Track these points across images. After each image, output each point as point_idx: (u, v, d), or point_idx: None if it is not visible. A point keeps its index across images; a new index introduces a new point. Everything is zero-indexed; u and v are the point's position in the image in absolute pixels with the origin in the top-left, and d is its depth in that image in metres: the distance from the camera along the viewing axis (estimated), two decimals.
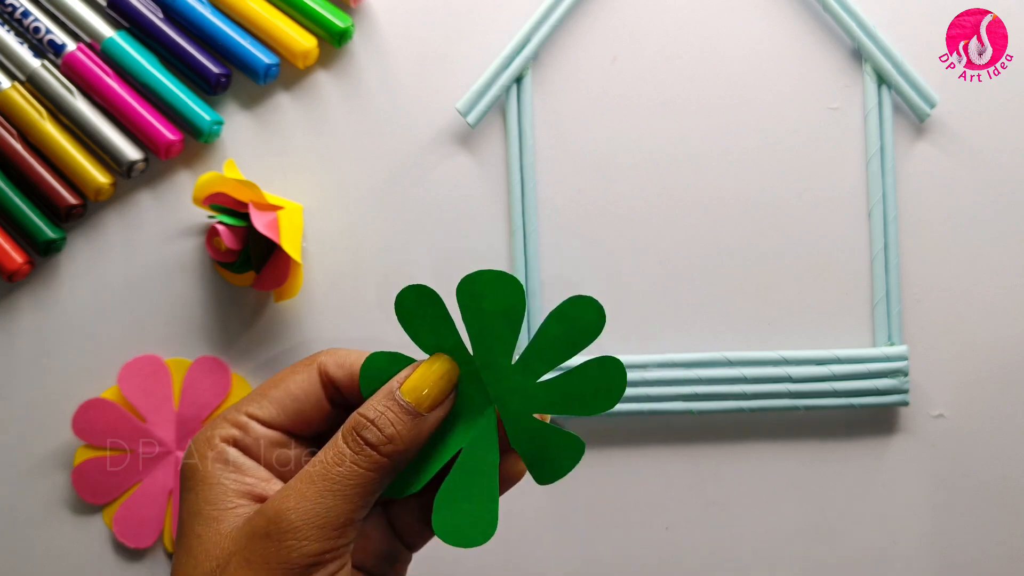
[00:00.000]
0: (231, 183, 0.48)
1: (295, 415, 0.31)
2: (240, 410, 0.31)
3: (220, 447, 0.30)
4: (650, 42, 0.50)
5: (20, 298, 0.51)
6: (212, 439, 0.30)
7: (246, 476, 0.30)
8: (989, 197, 0.50)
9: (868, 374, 0.49)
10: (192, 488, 0.29)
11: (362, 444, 0.28)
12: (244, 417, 0.31)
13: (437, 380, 0.30)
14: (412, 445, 0.29)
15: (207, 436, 0.30)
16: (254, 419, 0.31)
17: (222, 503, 0.29)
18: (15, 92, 0.49)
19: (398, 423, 0.29)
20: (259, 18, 0.49)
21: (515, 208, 0.50)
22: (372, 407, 0.29)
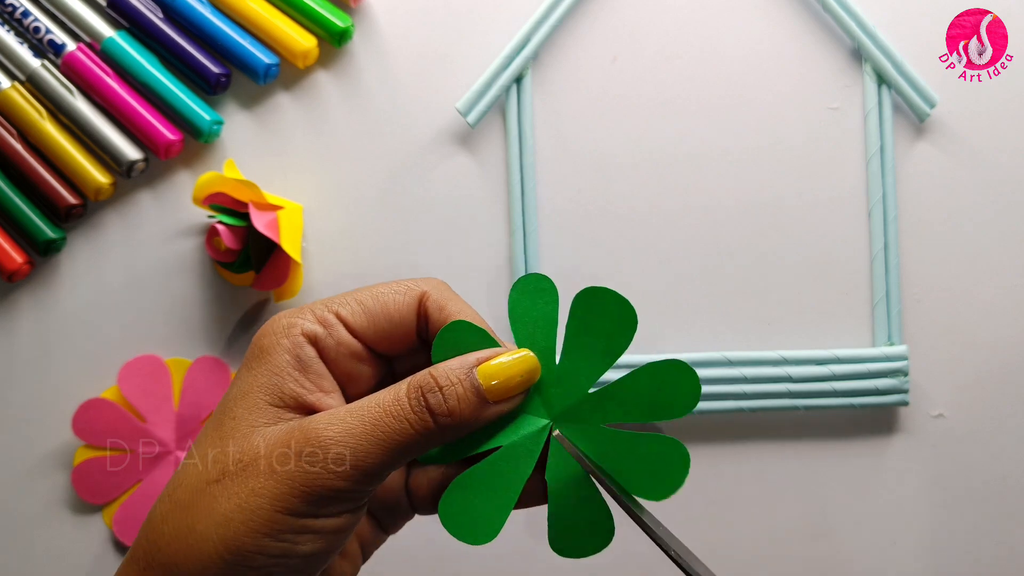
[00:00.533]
0: (231, 183, 0.48)
1: (383, 333, 0.30)
2: (330, 308, 0.29)
3: (298, 339, 0.29)
4: (650, 42, 0.50)
5: (20, 298, 0.51)
6: (292, 327, 0.29)
7: (309, 381, 0.28)
8: (989, 197, 0.50)
9: (868, 374, 0.49)
10: (252, 369, 0.28)
11: (423, 406, 0.27)
12: (332, 317, 0.29)
13: (517, 375, 0.29)
14: (467, 426, 0.28)
15: (289, 322, 0.29)
16: (342, 322, 0.29)
17: (274, 399, 0.28)
18: (15, 92, 0.49)
19: (464, 400, 0.28)
20: (259, 18, 0.49)
21: (515, 208, 0.50)
22: (445, 373, 0.28)
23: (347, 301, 0.30)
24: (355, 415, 0.27)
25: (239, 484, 0.27)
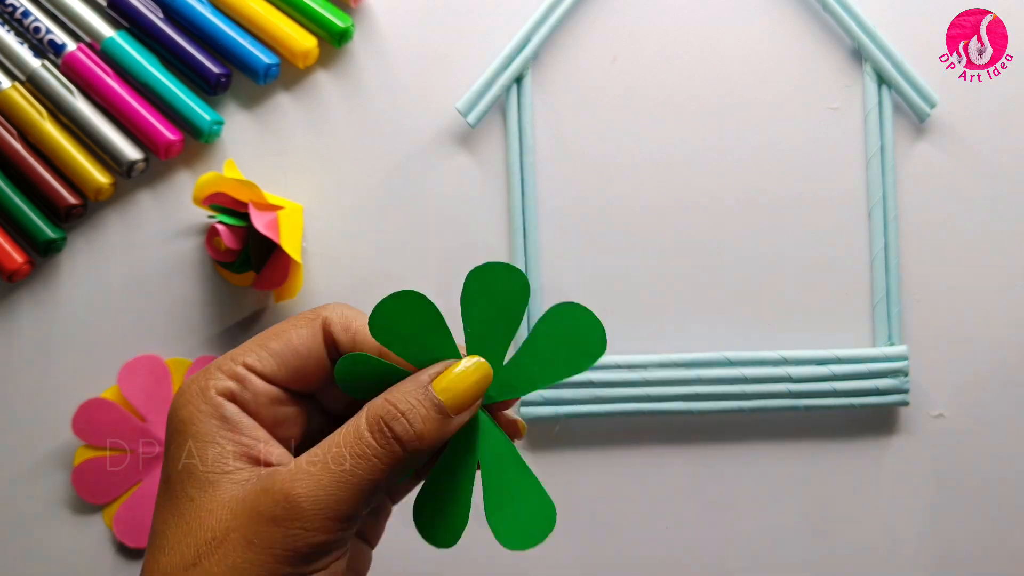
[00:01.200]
0: (231, 183, 0.48)
1: (295, 371, 0.29)
2: (237, 361, 0.28)
3: (216, 401, 0.28)
4: (650, 42, 0.50)
5: (20, 298, 0.51)
6: (207, 391, 0.28)
7: (244, 436, 0.28)
8: (989, 197, 0.50)
9: (868, 374, 0.49)
10: (183, 444, 0.27)
11: (389, 436, 0.27)
12: (242, 369, 0.28)
13: (472, 384, 0.28)
14: (434, 446, 0.28)
15: (201, 387, 0.28)
16: (253, 372, 0.29)
17: (219, 465, 0.27)
18: (15, 92, 0.49)
19: (428, 420, 0.27)
20: (259, 18, 0.49)
21: (515, 208, 0.50)
22: (403, 397, 0.27)
23: (252, 348, 0.29)
24: (318, 464, 0.26)
25: (218, 564, 0.25)
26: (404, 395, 0.28)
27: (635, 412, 0.49)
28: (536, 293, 0.50)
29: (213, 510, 0.26)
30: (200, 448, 0.27)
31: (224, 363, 0.29)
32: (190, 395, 0.28)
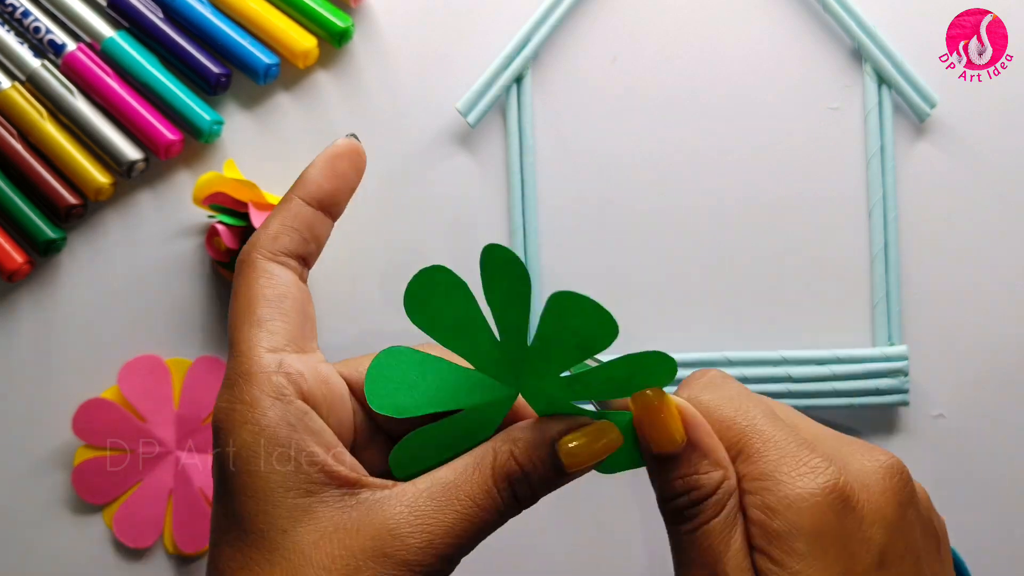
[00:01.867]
0: (231, 183, 0.48)
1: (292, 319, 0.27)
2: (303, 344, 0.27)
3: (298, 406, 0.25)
4: (650, 42, 0.50)
5: (20, 298, 0.51)
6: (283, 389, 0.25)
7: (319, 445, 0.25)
8: (989, 197, 0.50)
9: (868, 374, 0.49)
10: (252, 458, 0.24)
11: (511, 494, 0.26)
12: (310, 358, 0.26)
13: (599, 449, 0.26)
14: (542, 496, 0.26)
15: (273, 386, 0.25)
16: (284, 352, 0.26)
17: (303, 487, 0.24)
18: (15, 92, 0.49)
19: (546, 481, 0.26)
20: (259, 18, 0.49)
21: (515, 208, 0.50)
22: (529, 457, 0.26)
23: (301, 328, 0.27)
24: (435, 501, 0.24)
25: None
26: (530, 452, 0.26)
27: None
28: (536, 293, 0.50)
29: (318, 544, 0.23)
30: (276, 464, 0.24)
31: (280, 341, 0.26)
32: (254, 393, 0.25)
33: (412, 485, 0.25)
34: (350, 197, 0.30)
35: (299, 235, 0.29)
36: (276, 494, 0.24)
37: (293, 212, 0.29)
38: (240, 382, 0.25)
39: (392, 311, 0.50)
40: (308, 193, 0.29)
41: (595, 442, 0.26)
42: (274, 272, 0.28)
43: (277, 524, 0.23)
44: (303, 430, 0.25)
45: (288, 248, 0.28)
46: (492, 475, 0.26)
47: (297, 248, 0.28)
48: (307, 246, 0.29)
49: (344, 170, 0.30)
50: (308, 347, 0.27)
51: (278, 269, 0.28)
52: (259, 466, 0.24)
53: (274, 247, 0.28)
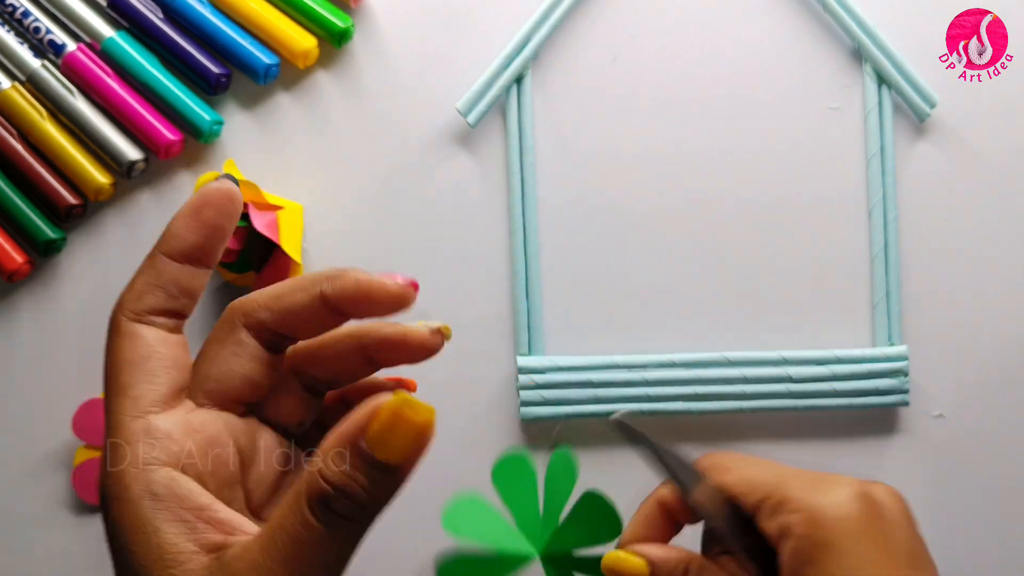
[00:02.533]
0: None
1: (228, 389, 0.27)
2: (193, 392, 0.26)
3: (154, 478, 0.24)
4: (650, 42, 0.50)
5: (20, 298, 0.51)
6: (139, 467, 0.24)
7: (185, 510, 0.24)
8: (989, 197, 0.50)
9: (868, 374, 0.49)
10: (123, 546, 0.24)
11: (335, 517, 0.23)
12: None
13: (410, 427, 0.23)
14: (389, 501, 0.24)
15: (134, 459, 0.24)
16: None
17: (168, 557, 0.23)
18: (15, 92, 0.49)
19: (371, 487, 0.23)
20: (259, 18, 0.49)
21: (515, 208, 0.50)
22: (336, 469, 0.23)
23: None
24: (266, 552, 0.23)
25: None
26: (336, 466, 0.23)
27: (635, 412, 0.49)
28: (536, 292, 0.50)
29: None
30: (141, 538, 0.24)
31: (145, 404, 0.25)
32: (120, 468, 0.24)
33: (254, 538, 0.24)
34: (223, 244, 0.28)
35: (164, 292, 0.27)
36: (144, 569, 0.24)
37: (157, 270, 0.28)
38: (110, 453, 0.25)
39: None
40: (171, 248, 0.28)
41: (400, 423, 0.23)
42: (137, 333, 0.27)
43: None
44: (169, 499, 0.24)
45: (152, 307, 0.27)
46: (306, 500, 0.23)
47: (163, 305, 0.27)
48: (175, 302, 0.28)
49: (211, 219, 0.28)
50: (177, 400, 0.26)
51: (143, 329, 0.27)
52: (126, 541, 0.24)
53: (137, 307, 0.27)
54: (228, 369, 0.27)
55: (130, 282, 0.28)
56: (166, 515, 0.24)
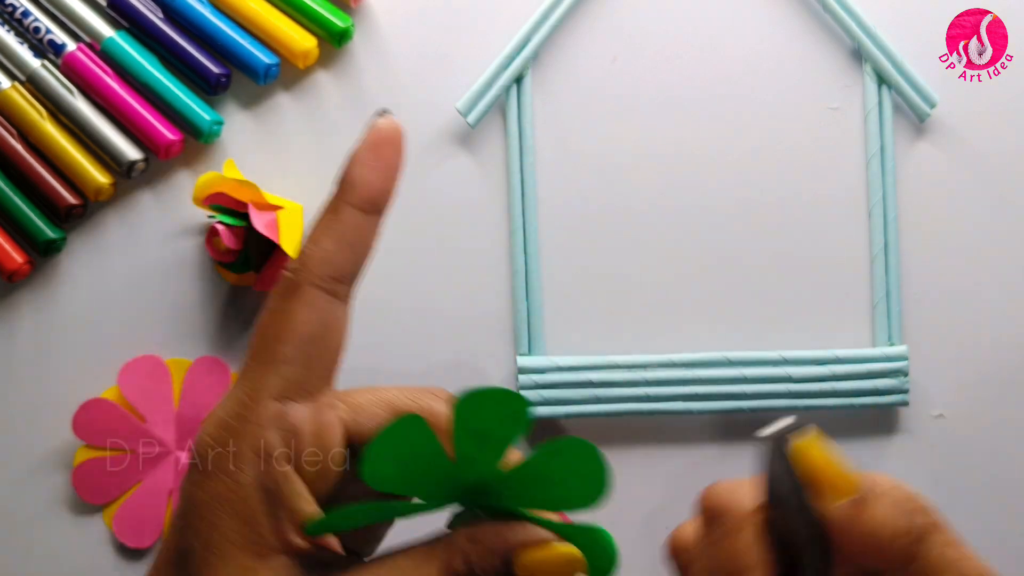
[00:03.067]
0: (231, 183, 0.48)
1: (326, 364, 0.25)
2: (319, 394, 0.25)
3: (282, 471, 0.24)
4: (650, 42, 0.50)
5: (20, 298, 0.51)
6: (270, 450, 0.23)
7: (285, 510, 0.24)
8: (989, 197, 0.50)
9: (868, 374, 0.49)
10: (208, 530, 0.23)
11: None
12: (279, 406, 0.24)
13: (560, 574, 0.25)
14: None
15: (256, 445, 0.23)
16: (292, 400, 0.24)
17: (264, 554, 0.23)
18: (15, 92, 0.49)
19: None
20: (259, 18, 0.49)
21: (515, 208, 0.50)
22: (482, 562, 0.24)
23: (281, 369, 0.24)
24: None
25: None
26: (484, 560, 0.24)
27: (635, 412, 0.49)
28: (536, 292, 0.50)
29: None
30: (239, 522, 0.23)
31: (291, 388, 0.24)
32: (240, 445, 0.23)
33: (368, 570, 0.24)
34: (398, 186, 0.26)
35: (353, 252, 0.25)
36: (228, 548, 0.23)
37: (349, 224, 0.25)
38: (232, 425, 0.24)
39: (390, 311, 0.50)
40: (361, 198, 0.25)
41: (558, 567, 0.24)
42: (319, 305, 0.25)
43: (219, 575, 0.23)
44: (279, 497, 0.23)
45: (343, 271, 0.25)
46: (443, 571, 0.24)
47: (352, 269, 0.25)
48: (362, 261, 0.26)
49: (391, 159, 0.26)
50: (321, 389, 0.25)
51: (323, 301, 0.25)
52: (222, 519, 0.23)
53: (327, 271, 0.25)
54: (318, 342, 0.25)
55: (310, 241, 0.25)
56: (272, 511, 0.23)
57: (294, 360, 0.24)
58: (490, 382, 0.50)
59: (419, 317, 0.50)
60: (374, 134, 0.26)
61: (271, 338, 0.24)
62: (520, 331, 0.49)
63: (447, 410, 0.26)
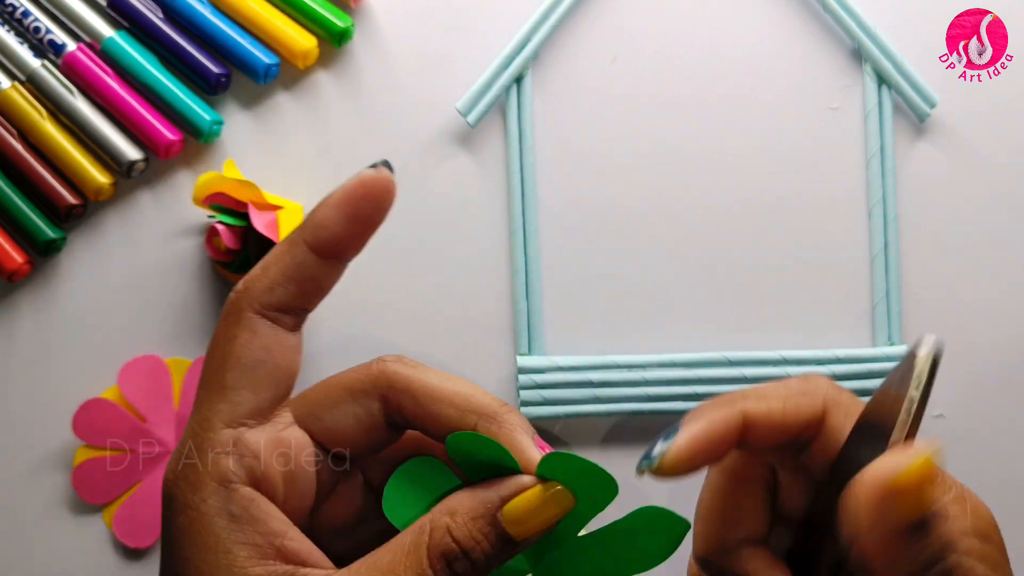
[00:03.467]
0: (231, 183, 0.48)
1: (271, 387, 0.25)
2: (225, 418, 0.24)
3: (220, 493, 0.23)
4: (650, 42, 0.50)
5: (20, 298, 0.51)
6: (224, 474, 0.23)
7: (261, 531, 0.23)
8: (989, 197, 0.50)
9: (868, 374, 0.49)
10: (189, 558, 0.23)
11: (451, 573, 0.23)
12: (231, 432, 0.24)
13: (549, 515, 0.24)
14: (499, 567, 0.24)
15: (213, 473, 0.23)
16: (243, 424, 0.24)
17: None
18: (15, 92, 0.49)
19: (493, 556, 0.24)
20: (259, 18, 0.49)
21: (515, 208, 0.50)
22: (469, 533, 0.23)
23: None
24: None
25: None
26: (469, 527, 0.23)
27: (635, 412, 0.49)
28: (536, 292, 0.50)
29: None
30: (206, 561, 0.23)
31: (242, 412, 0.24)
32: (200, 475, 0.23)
33: (347, 572, 0.23)
34: (370, 238, 0.26)
35: (298, 288, 0.25)
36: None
37: (297, 261, 0.25)
38: (191, 456, 0.24)
39: (390, 311, 0.50)
40: (318, 240, 0.25)
41: (545, 508, 0.24)
42: (259, 331, 0.24)
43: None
44: (246, 521, 0.23)
45: (284, 302, 0.25)
46: (427, 555, 0.23)
47: (294, 302, 0.25)
48: (308, 298, 0.25)
49: (365, 212, 0.25)
50: (275, 413, 0.25)
51: (265, 328, 0.25)
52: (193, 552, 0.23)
53: (267, 300, 0.25)
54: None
55: (260, 267, 0.25)
56: (239, 537, 0.23)
57: (240, 386, 0.24)
58: (490, 382, 0.50)
59: (419, 317, 0.50)
60: (355, 183, 0.25)
61: (216, 366, 0.24)
62: (520, 331, 0.49)
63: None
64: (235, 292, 0.25)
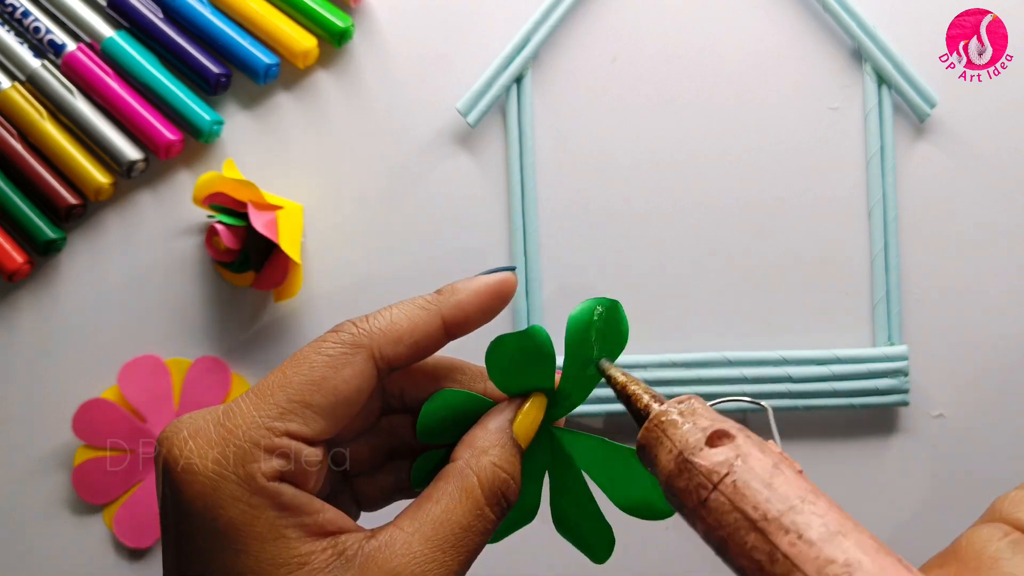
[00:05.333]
0: (230, 183, 0.48)
1: (346, 424, 0.26)
2: (277, 431, 0.25)
3: (271, 489, 0.24)
4: (650, 42, 0.50)
5: (20, 298, 0.51)
6: (254, 478, 0.24)
7: (305, 515, 0.25)
8: (989, 197, 0.50)
9: (868, 374, 0.49)
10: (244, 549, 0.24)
11: (504, 506, 0.26)
12: (287, 440, 0.25)
13: (537, 421, 0.28)
14: None
15: (244, 475, 0.24)
16: (299, 439, 0.25)
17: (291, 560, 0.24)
18: (15, 92, 0.49)
19: (517, 472, 0.27)
20: (259, 18, 0.49)
21: (515, 208, 0.50)
22: (507, 458, 0.26)
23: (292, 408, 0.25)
24: (431, 542, 0.24)
25: None
26: (504, 454, 0.26)
27: None
28: (536, 292, 0.50)
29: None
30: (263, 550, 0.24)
31: (260, 434, 0.24)
32: (230, 489, 0.24)
33: (399, 530, 0.25)
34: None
35: (418, 353, 0.27)
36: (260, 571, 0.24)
37: (429, 330, 0.27)
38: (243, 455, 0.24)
39: None
40: (455, 319, 0.27)
41: (537, 417, 0.28)
42: (365, 374, 0.26)
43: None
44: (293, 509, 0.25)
45: (400, 360, 0.27)
46: (484, 496, 0.25)
47: (406, 362, 0.27)
48: (411, 360, 0.27)
49: (495, 308, 0.28)
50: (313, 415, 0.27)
51: (370, 372, 0.26)
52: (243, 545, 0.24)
53: (388, 352, 0.26)
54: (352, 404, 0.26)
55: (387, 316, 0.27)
56: (289, 521, 0.24)
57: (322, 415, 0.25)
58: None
59: None
60: (498, 280, 0.28)
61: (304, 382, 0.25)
62: None
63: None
64: (357, 328, 0.26)
